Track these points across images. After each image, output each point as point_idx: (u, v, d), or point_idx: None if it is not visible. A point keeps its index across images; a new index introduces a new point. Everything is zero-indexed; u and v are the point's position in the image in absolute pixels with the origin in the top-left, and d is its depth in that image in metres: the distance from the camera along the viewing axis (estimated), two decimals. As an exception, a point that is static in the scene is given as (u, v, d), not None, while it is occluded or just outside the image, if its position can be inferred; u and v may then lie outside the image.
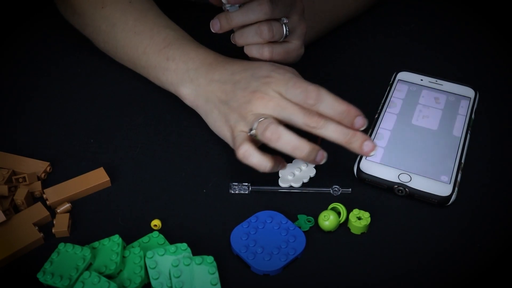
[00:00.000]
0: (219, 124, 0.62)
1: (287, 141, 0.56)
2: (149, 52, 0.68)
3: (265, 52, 0.62)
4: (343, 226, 0.58)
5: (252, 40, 0.62)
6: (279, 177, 0.62)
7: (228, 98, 0.61)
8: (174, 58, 0.66)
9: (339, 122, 0.56)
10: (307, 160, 0.57)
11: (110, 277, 0.53)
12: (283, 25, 0.62)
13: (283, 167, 0.60)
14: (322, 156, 0.57)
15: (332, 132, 0.56)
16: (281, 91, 0.58)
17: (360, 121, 0.56)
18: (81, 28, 0.75)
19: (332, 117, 0.56)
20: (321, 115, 0.56)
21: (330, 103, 0.56)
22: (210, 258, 0.53)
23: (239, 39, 0.62)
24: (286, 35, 0.62)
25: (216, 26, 0.62)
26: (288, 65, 0.64)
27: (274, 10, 0.60)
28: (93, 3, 0.71)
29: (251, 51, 0.63)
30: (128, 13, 0.70)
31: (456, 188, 0.60)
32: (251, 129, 0.57)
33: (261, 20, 0.60)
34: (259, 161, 0.56)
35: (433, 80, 0.72)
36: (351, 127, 0.56)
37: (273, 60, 0.63)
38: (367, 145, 0.56)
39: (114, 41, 0.71)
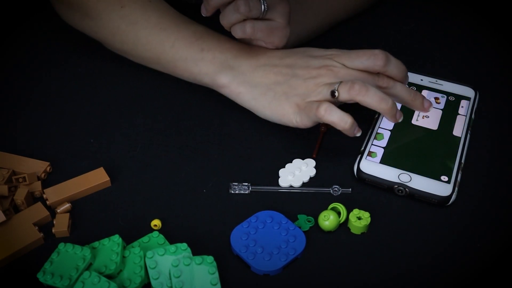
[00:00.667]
0: (277, 103, 0.63)
1: (374, 93, 0.58)
2: (179, 46, 0.68)
3: (247, 28, 0.62)
4: (343, 226, 0.58)
5: (233, 18, 0.62)
6: (279, 177, 0.62)
7: (286, 78, 0.63)
8: (209, 48, 0.67)
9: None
10: (388, 114, 0.60)
11: (110, 277, 0.53)
12: (261, 0, 0.62)
13: (359, 131, 0.60)
14: (400, 115, 0.60)
15: (400, 91, 0.62)
16: (345, 63, 0.62)
17: (408, 78, 0.64)
18: (93, 31, 0.74)
19: (397, 77, 0.62)
20: (389, 80, 0.62)
21: (396, 64, 0.62)
22: (210, 258, 0.53)
23: (222, 20, 0.63)
24: (265, 10, 0.62)
25: (203, 10, 0.63)
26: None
27: None
28: (111, 4, 0.71)
29: (236, 31, 0.63)
30: (150, 11, 0.71)
31: (456, 188, 0.60)
32: (333, 91, 0.59)
33: None
34: (340, 116, 0.59)
35: (433, 80, 0.72)
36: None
37: (256, 37, 0.63)
38: (426, 102, 0.62)
39: (135, 39, 0.71)
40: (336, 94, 0.59)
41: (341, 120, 0.59)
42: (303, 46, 0.70)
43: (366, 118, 0.68)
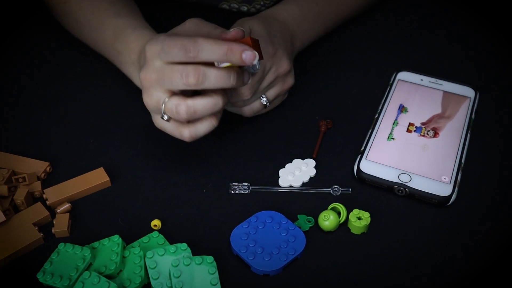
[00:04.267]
0: None
1: (203, 109, 0.55)
2: (106, 47, 0.70)
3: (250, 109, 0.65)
4: (343, 226, 0.58)
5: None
6: (279, 177, 0.62)
7: None
8: (121, 51, 0.68)
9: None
10: (223, 108, 0.58)
11: (110, 277, 0.53)
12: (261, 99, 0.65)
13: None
14: (248, 77, 0.57)
15: (215, 81, 0.54)
16: (162, 58, 0.55)
17: (249, 56, 0.53)
18: (59, 21, 0.78)
19: (216, 60, 0.54)
20: (199, 69, 0.54)
21: (210, 48, 0.53)
22: (210, 258, 0.53)
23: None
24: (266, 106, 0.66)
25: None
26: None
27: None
28: None
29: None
30: (84, 6, 0.72)
31: (456, 188, 0.60)
32: (162, 116, 0.57)
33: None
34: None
35: (433, 80, 0.72)
36: (241, 64, 0.53)
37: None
38: (246, 77, 0.56)
39: (82, 36, 0.74)
40: (168, 119, 0.58)
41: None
42: (309, 47, 0.70)
43: (366, 117, 0.69)
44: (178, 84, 0.54)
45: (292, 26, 0.71)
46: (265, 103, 0.65)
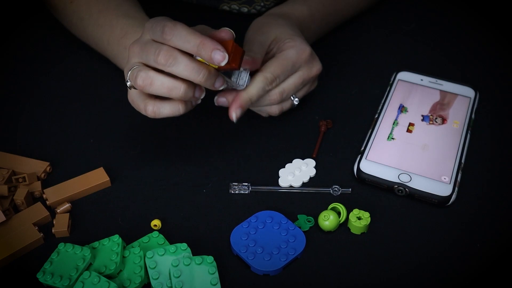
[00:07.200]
0: None
1: (161, 84, 0.55)
2: (112, 43, 0.70)
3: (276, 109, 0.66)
4: (343, 226, 0.58)
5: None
6: (279, 177, 0.62)
7: None
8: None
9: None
10: (185, 98, 0.57)
11: (110, 277, 0.53)
12: (292, 99, 0.66)
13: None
14: (200, 92, 0.58)
15: (183, 70, 0.54)
16: (150, 33, 0.56)
17: (218, 55, 0.53)
18: (60, 21, 0.78)
19: (188, 50, 0.54)
20: (172, 52, 0.54)
21: (183, 36, 0.54)
22: (210, 258, 0.53)
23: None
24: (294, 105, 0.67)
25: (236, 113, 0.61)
26: None
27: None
28: None
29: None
30: (92, 5, 0.72)
31: (456, 188, 0.60)
32: (127, 81, 0.58)
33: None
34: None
35: (433, 80, 0.72)
36: (210, 61, 0.54)
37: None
38: (218, 82, 0.57)
39: (85, 34, 0.74)
40: (129, 84, 0.58)
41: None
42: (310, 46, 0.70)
43: (366, 117, 0.69)
44: (150, 59, 0.55)
45: (301, 26, 0.71)
46: (296, 102, 0.66)
